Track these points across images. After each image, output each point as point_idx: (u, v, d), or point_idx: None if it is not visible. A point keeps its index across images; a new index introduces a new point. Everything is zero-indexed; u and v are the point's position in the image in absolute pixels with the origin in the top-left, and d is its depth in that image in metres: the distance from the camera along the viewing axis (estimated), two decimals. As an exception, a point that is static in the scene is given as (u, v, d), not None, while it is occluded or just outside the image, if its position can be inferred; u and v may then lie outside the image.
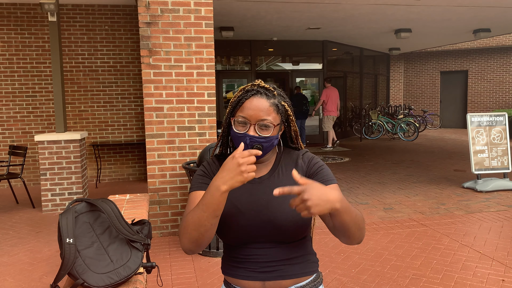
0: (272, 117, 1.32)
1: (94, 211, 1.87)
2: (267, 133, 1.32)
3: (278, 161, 1.44)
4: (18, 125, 7.73)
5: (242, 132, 1.32)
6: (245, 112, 1.32)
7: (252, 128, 1.31)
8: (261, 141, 1.31)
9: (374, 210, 5.64)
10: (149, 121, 4.65)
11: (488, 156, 6.64)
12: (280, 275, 1.36)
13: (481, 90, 16.25)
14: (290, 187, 1.14)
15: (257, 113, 1.31)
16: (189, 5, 4.63)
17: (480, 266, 3.76)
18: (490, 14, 8.89)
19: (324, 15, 8.74)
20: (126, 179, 8.18)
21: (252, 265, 1.37)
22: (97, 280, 1.73)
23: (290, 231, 1.33)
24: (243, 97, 1.34)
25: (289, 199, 1.35)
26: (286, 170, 1.41)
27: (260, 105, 1.31)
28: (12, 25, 7.55)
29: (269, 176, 1.40)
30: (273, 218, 1.32)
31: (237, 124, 1.33)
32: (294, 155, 1.45)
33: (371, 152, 10.99)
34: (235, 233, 1.34)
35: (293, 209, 1.33)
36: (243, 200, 1.36)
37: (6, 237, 4.90)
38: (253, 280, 1.37)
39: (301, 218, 1.34)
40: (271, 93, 1.36)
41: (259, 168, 1.43)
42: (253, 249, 1.36)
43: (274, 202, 1.34)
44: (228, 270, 1.43)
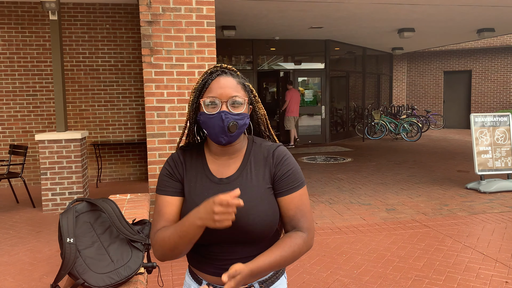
0: (241, 94, 1.31)
1: (95, 211, 1.85)
2: (240, 110, 1.29)
3: (247, 156, 1.37)
4: (19, 124, 7.71)
5: (215, 112, 1.27)
6: (214, 92, 1.28)
7: (225, 106, 1.28)
8: (236, 118, 1.28)
9: (377, 211, 5.61)
10: (150, 120, 4.62)
11: (491, 156, 6.60)
12: None
13: (485, 90, 16.20)
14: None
15: (227, 90, 1.28)
16: (190, 4, 4.61)
17: (484, 268, 3.73)
18: (494, 14, 8.84)
19: (327, 14, 8.71)
20: (126, 178, 8.16)
21: (217, 262, 1.35)
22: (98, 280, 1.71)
23: (258, 234, 1.31)
24: (208, 78, 1.31)
25: (259, 201, 1.31)
26: (255, 168, 1.35)
27: (228, 83, 1.29)
28: (13, 23, 7.53)
29: (237, 176, 1.34)
30: (242, 223, 1.28)
31: (206, 107, 1.28)
32: (265, 149, 1.38)
33: (373, 152, 10.96)
34: (205, 235, 1.30)
35: (259, 212, 1.29)
36: None
37: (6, 237, 4.88)
38: (217, 276, 1.36)
39: (268, 220, 1.30)
40: (235, 73, 1.35)
41: (228, 164, 1.36)
42: (219, 248, 1.34)
43: (243, 207, 1.30)
44: (194, 262, 1.41)
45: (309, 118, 13.05)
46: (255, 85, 12.48)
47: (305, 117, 13.01)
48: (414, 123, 13.21)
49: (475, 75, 16.32)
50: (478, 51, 16.19)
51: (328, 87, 12.98)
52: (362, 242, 4.45)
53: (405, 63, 17.31)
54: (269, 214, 1.31)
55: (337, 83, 13.67)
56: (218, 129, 1.27)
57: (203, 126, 1.31)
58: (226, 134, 1.28)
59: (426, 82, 17.19)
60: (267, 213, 1.31)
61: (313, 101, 13.11)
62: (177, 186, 1.36)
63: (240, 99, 1.29)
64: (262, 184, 1.34)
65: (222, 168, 1.37)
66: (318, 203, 6.05)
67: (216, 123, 1.27)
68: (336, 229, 4.89)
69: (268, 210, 1.31)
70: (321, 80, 12.99)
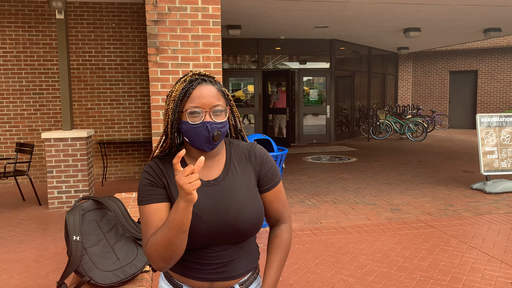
0: (222, 101, 1.32)
1: (101, 209, 1.86)
2: (222, 119, 1.31)
3: (229, 157, 1.41)
4: (25, 123, 7.76)
5: (199, 122, 1.28)
6: (196, 101, 1.28)
7: (208, 115, 1.28)
8: (219, 127, 1.30)
9: (382, 211, 5.60)
10: (155, 119, 4.64)
11: (497, 157, 6.56)
12: (230, 275, 1.37)
13: (491, 91, 16.11)
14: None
15: (210, 100, 1.29)
16: (196, 3, 4.61)
17: (489, 269, 3.71)
18: (500, 13, 8.79)
19: (332, 14, 8.69)
20: (132, 177, 8.19)
21: (204, 266, 1.35)
22: (104, 278, 1.72)
23: (249, 231, 1.34)
24: (189, 87, 1.29)
25: (249, 198, 1.35)
26: (239, 168, 1.39)
27: (210, 92, 1.30)
28: (20, 22, 7.58)
29: (224, 176, 1.37)
30: (234, 223, 1.31)
31: (190, 116, 1.28)
32: (244, 149, 1.43)
33: (378, 152, 10.93)
34: (197, 239, 1.31)
35: (251, 209, 1.33)
36: (202, 205, 1.31)
37: (12, 234, 4.92)
38: (203, 281, 1.35)
39: (259, 216, 1.36)
40: (213, 79, 1.35)
41: (212, 167, 1.38)
42: (208, 251, 1.34)
43: (234, 205, 1.32)
44: (176, 267, 1.39)
45: (314, 118, 13.04)
46: (260, 85, 12.48)
47: (310, 116, 13.00)
48: (420, 123, 13.16)
49: (481, 75, 16.23)
50: (484, 51, 16.09)
51: (333, 87, 12.96)
52: (367, 242, 4.44)
53: (411, 63, 17.25)
54: (259, 210, 1.36)
55: (342, 83, 13.64)
56: (203, 138, 1.29)
57: (186, 135, 1.31)
58: (211, 143, 1.30)
59: (431, 82, 17.11)
60: (258, 209, 1.36)
61: (318, 101, 13.10)
62: (162, 193, 1.33)
63: (222, 108, 1.31)
64: (249, 182, 1.38)
65: (206, 171, 1.38)
66: (323, 202, 6.05)
67: (201, 133, 1.28)
68: (340, 228, 4.89)
69: (258, 206, 1.37)
70: (326, 79, 12.97)
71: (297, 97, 12.83)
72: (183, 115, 1.30)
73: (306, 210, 5.69)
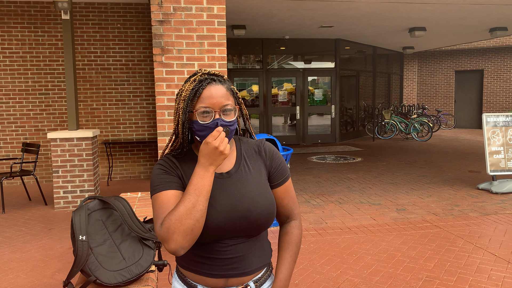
0: (231, 101, 1.34)
1: (107, 209, 1.87)
2: (232, 117, 1.34)
3: (240, 152, 1.44)
4: (31, 123, 7.80)
5: (210, 121, 1.31)
6: (206, 101, 1.30)
7: (217, 114, 1.31)
8: (228, 125, 1.33)
9: (387, 211, 5.58)
10: (161, 119, 4.65)
11: (504, 157, 6.52)
12: (244, 271, 1.37)
13: (497, 90, 16.01)
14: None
15: (219, 100, 1.31)
16: (201, 3, 4.62)
17: (495, 269, 3.69)
18: (507, 12, 8.73)
19: (337, 13, 8.67)
20: (137, 177, 8.21)
21: (218, 262, 1.35)
22: (109, 278, 1.73)
23: (263, 223, 1.35)
24: (199, 87, 1.31)
25: (262, 191, 1.37)
26: (250, 162, 1.42)
27: (219, 91, 1.32)
28: (26, 23, 7.62)
29: (236, 169, 1.39)
30: (248, 214, 1.32)
31: (200, 116, 1.31)
32: (254, 144, 1.47)
33: (383, 152, 10.89)
34: (210, 231, 1.31)
35: (264, 201, 1.36)
36: (217, 196, 1.33)
37: (19, 234, 4.94)
38: (218, 277, 1.36)
39: (272, 208, 1.37)
40: (222, 78, 1.37)
41: (223, 162, 1.40)
42: (223, 245, 1.34)
43: (247, 197, 1.34)
44: (189, 266, 1.39)
45: (319, 118, 13.02)
46: (265, 85, 12.47)
47: (315, 116, 12.98)
48: (425, 122, 13.10)
49: (487, 75, 16.13)
50: (490, 50, 16.00)
51: (338, 87, 12.93)
52: (372, 242, 4.43)
53: (416, 62, 17.17)
54: (272, 203, 1.38)
55: (347, 83, 13.61)
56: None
57: (196, 134, 1.34)
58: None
59: (437, 82, 17.03)
60: (271, 202, 1.38)
61: (323, 101, 13.07)
62: (177, 181, 1.34)
63: (231, 107, 1.33)
64: (261, 176, 1.41)
65: None
66: (328, 202, 6.03)
67: (212, 131, 1.31)
68: (346, 229, 4.88)
69: (270, 199, 1.38)
70: (331, 79, 12.95)
71: (302, 97, 12.81)
72: (193, 115, 1.33)
73: (311, 210, 5.68)
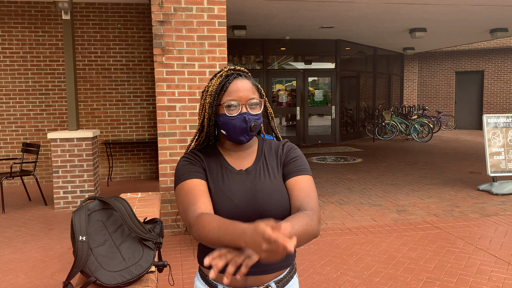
0: (256, 95, 1.39)
1: (107, 209, 1.86)
2: (257, 111, 1.37)
3: (260, 150, 1.47)
4: (31, 123, 7.80)
5: (237, 114, 1.34)
6: (233, 95, 1.34)
7: (244, 108, 1.35)
8: (255, 118, 1.36)
9: (387, 212, 5.57)
10: (161, 119, 4.64)
11: (504, 158, 6.52)
12: (263, 269, 1.37)
13: (498, 91, 16.00)
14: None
15: (246, 93, 1.35)
16: (202, 4, 4.62)
17: (496, 271, 3.68)
18: (507, 13, 8.73)
19: (338, 14, 8.67)
20: (137, 177, 8.21)
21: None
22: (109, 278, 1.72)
23: (278, 219, 1.35)
24: (226, 81, 1.36)
25: (276, 188, 1.38)
26: (269, 160, 1.45)
27: (246, 85, 1.36)
28: (26, 23, 7.62)
29: (254, 167, 1.43)
30: (262, 210, 1.34)
31: (227, 109, 1.34)
32: (275, 144, 1.50)
33: (384, 153, 10.89)
34: None
35: (278, 197, 1.36)
36: (235, 191, 1.37)
37: (19, 234, 4.94)
38: (235, 275, 1.36)
39: (286, 205, 1.37)
40: (248, 74, 1.42)
41: (244, 157, 1.45)
42: None
43: (262, 194, 1.36)
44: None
45: (319, 118, 13.01)
46: (265, 85, 12.47)
47: (315, 117, 12.97)
48: (425, 123, 13.10)
49: (487, 76, 16.13)
50: (490, 51, 15.99)
51: (339, 87, 12.93)
52: (373, 243, 4.42)
53: (416, 63, 17.17)
54: (286, 199, 1.38)
55: (347, 83, 13.61)
56: (241, 129, 1.35)
57: (223, 127, 1.37)
58: (248, 133, 1.36)
59: (437, 83, 17.03)
60: (285, 198, 1.38)
61: (323, 101, 13.07)
62: (202, 172, 1.39)
63: (257, 100, 1.37)
64: (276, 173, 1.43)
65: (238, 161, 1.44)
66: (328, 203, 6.03)
67: (239, 124, 1.34)
68: (346, 230, 4.87)
69: (284, 195, 1.38)
70: (332, 80, 12.94)
71: (302, 98, 12.80)
72: (220, 108, 1.37)
73: (312, 211, 5.67)
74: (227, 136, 1.39)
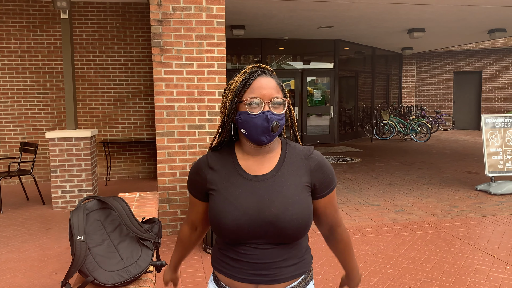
0: (280, 94, 1.32)
1: (105, 209, 1.86)
2: (280, 111, 1.30)
3: (283, 156, 1.38)
4: (29, 122, 7.79)
5: (259, 112, 1.27)
6: (256, 92, 1.28)
7: (267, 106, 1.28)
8: (278, 118, 1.29)
9: (385, 212, 5.58)
10: (159, 119, 4.64)
11: (502, 158, 6.53)
12: (274, 279, 1.32)
13: (496, 91, 16.04)
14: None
15: (270, 91, 1.29)
16: (201, 3, 4.61)
17: (494, 270, 3.69)
18: (505, 14, 8.75)
19: (337, 14, 8.67)
20: (135, 177, 8.20)
21: (245, 266, 1.32)
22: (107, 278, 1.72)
23: (292, 232, 1.29)
24: (249, 78, 1.30)
25: (296, 200, 1.30)
26: (293, 168, 1.35)
27: (270, 83, 1.30)
28: (25, 22, 7.60)
29: (273, 173, 1.34)
30: (275, 220, 1.27)
31: (249, 107, 1.28)
32: (301, 151, 1.40)
33: (382, 153, 10.90)
34: (232, 232, 1.30)
35: (296, 210, 1.29)
36: (243, 199, 1.30)
37: (17, 233, 4.93)
38: (246, 282, 1.32)
39: (305, 219, 1.30)
40: (272, 72, 1.36)
41: (263, 163, 1.36)
42: (249, 249, 1.31)
43: (278, 203, 1.28)
44: (220, 267, 1.38)
45: (318, 118, 13.02)
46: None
47: (314, 117, 12.98)
48: (424, 123, 13.12)
49: (485, 76, 16.16)
50: (489, 52, 16.03)
51: (337, 87, 12.94)
52: (371, 243, 4.43)
53: (415, 63, 17.20)
54: (305, 213, 1.31)
55: (346, 83, 13.62)
56: (262, 129, 1.27)
57: (243, 126, 1.31)
58: (269, 133, 1.28)
59: (435, 83, 17.05)
60: (304, 212, 1.31)
61: (322, 101, 13.08)
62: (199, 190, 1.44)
63: (281, 100, 1.30)
64: (300, 184, 1.34)
65: (255, 166, 1.36)
66: (326, 203, 6.03)
67: (260, 123, 1.27)
68: (344, 229, 4.87)
69: (305, 209, 1.31)
70: (330, 80, 12.95)
71: (301, 98, 12.81)
72: (241, 106, 1.31)
73: (310, 210, 5.68)
74: (247, 135, 1.31)
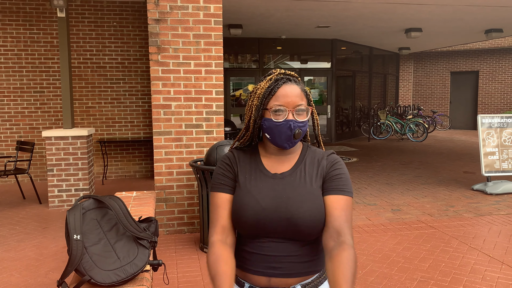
0: (304, 101, 1.37)
1: (102, 208, 1.86)
2: (304, 118, 1.36)
3: (302, 157, 1.44)
4: (26, 121, 7.76)
5: (283, 120, 1.33)
6: (281, 100, 1.34)
7: (291, 114, 1.34)
8: (300, 126, 1.35)
9: (382, 211, 5.59)
10: (156, 118, 4.63)
11: (498, 158, 6.56)
12: (287, 272, 1.36)
13: (492, 91, 16.09)
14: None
15: (294, 99, 1.34)
16: (198, 2, 4.61)
17: (490, 270, 3.71)
18: (502, 14, 8.78)
19: (334, 14, 8.68)
20: (132, 176, 8.19)
21: (260, 259, 1.37)
22: (104, 277, 1.72)
23: (306, 230, 1.33)
24: (275, 86, 1.35)
25: (310, 197, 1.35)
26: (309, 168, 1.41)
27: (294, 91, 1.35)
28: (21, 20, 7.57)
29: (291, 172, 1.40)
30: (290, 216, 1.32)
31: (273, 114, 1.34)
32: (319, 154, 1.46)
33: (379, 152, 10.92)
34: (251, 226, 1.35)
35: (310, 207, 1.33)
36: (264, 194, 1.37)
37: (13, 233, 4.91)
38: (259, 275, 1.37)
39: (317, 217, 1.33)
40: (297, 79, 1.41)
41: (283, 162, 1.43)
42: (264, 243, 1.36)
43: (294, 200, 1.34)
44: (237, 259, 1.44)
45: (315, 118, 13.03)
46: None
47: (311, 116, 12.99)
48: (420, 123, 13.15)
49: (482, 76, 16.21)
50: (485, 52, 16.08)
51: (334, 87, 12.95)
52: (367, 242, 4.44)
53: (412, 63, 17.23)
54: (319, 211, 1.35)
55: (343, 83, 13.63)
56: (285, 136, 1.35)
57: (267, 131, 1.38)
58: (291, 141, 1.36)
59: (432, 83, 17.10)
60: (318, 209, 1.34)
61: (319, 101, 13.09)
62: (231, 184, 1.43)
63: (304, 107, 1.36)
64: (314, 183, 1.39)
65: (276, 165, 1.43)
66: (323, 202, 6.04)
67: (283, 130, 1.34)
68: (341, 229, 4.88)
69: (318, 207, 1.35)
70: (327, 79, 12.97)
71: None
72: (266, 112, 1.36)
73: (307, 210, 5.68)
74: (270, 140, 1.39)
